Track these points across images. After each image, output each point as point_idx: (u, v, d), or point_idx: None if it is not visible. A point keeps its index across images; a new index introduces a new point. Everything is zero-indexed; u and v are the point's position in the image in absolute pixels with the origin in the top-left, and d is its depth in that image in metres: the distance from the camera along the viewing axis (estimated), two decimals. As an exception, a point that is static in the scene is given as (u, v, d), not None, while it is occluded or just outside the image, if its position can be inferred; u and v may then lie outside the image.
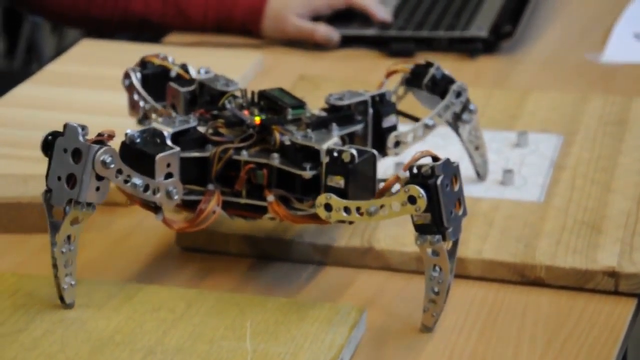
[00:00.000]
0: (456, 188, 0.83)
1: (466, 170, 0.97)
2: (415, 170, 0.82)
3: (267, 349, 0.80)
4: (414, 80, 1.01)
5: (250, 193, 0.89)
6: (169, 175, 0.86)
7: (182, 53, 1.30)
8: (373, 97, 0.96)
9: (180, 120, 0.89)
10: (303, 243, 0.94)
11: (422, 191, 0.81)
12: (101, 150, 0.82)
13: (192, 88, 0.96)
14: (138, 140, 0.86)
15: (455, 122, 0.99)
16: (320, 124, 0.91)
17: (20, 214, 0.98)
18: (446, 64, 1.03)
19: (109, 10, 1.43)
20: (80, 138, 0.82)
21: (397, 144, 0.96)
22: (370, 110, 0.95)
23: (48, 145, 0.84)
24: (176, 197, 0.86)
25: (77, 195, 0.82)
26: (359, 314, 0.84)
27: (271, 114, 0.91)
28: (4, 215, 0.98)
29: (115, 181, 0.83)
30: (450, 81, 0.99)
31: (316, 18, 1.43)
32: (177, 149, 0.86)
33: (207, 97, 0.95)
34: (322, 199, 0.85)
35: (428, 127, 0.98)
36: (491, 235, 0.95)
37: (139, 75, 0.98)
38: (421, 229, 0.82)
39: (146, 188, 0.85)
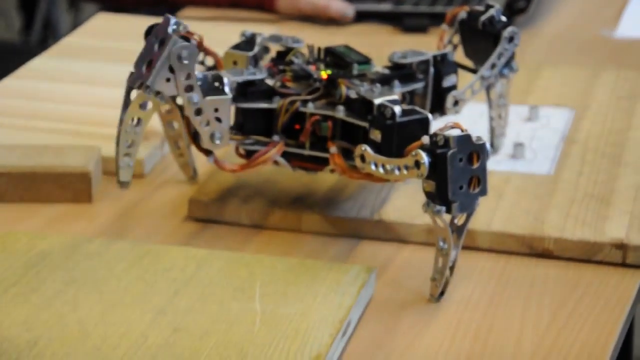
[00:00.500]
0: (476, 165, 0.82)
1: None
2: (434, 138, 0.83)
3: (276, 309, 0.81)
4: (470, 21, 1.01)
5: (314, 145, 0.92)
6: (216, 120, 0.89)
7: (197, 27, 1.30)
8: (435, 57, 0.98)
9: (249, 72, 0.92)
10: (314, 214, 0.95)
11: (425, 157, 0.82)
12: (181, 44, 0.86)
13: (256, 51, 0.98)
14: (200, 83, 0.89)
15: (495, 75, 1.00)
16: (384, 81, 0.94)
17: (35, 184, 0.99)
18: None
19: (125, -16, 1.44)
20: (170, 29, 0.87)
21: (455, 103, 0.98)
22: (432, 70, 0.97)
23: (148, 31, 0.89)
24: (218, 142, 0.89)
25: (148, 79, 0.86)
26: (368, 274, 0.85)
27: (336, 69, 0.94)
28: (19, 184, 0.99)
29: (179, 81, 0.87)
30: (506, 26, 1.00)
31: (331, -7, 1.43)
32: (229, 95, 0.89)
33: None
34: (358, 149, 0.87)
35: (484, 79, 0.99)
36: (501, 207, 0.96)
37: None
38: (428, 196, 0.83)
39: (198, 112, 0.88)
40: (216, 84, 0.90)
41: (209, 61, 1.00)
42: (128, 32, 1.32)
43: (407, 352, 0.80)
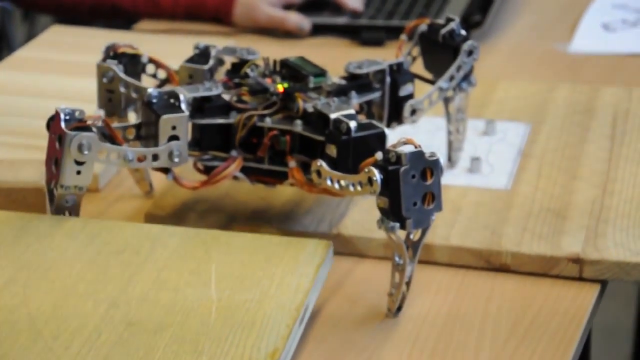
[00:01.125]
0: (429, 182, 0.82)
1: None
2: (387, 155, 0.82)
3: (232, 296, 0.79)
4: (430, 33, 1.01)
5: (273, 159, 0.92)
6: (174, 138, 0.88)
7: (152, 40, 1.30)
8: (391, 66, 0.98)
9: (204, 88, 0.92)
10: (272, 229, 0.95)
11: (377, 174, 0.81)
12: (77, 138, 0.84)
13: (211, 64, 0.97)
14: (155, 100, 0.88)
15: (454, 89, 1.00)
16: (340, 92, 0.94)
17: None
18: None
19: (80, -4, 1.43)
20: (62, 124, 0.85)
21: (413, 112, 0.98)
22: (388, 79, 0.97)
23: (47, 123, 0.87)
24: (177, 159, 0.88)
25: (59, 178, 0.85)
26: (326, 249, 0.84)
27: (292, 81, 0.93)
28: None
29: (100, 162, 0.86)
30: (466, 39, 1.00)
31: (288, 6, 1.43)
32: (185, 113, 0.88)
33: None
34: (314, 165, 0.87)
35: (442, 91, 0.99)
36: (458, 221, 0.96)
37: (121, 67, 0.97)
38: (382, 212, 0.83)
39: (140, 159, 0.87)
40: (172, 100, 0.89)
41: (161, 74, 0.99)
42: (82, 45, 1.31)
43: (365, 368, 0.80)
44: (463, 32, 1.01)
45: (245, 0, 1.41)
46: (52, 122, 0.86)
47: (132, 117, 0.97)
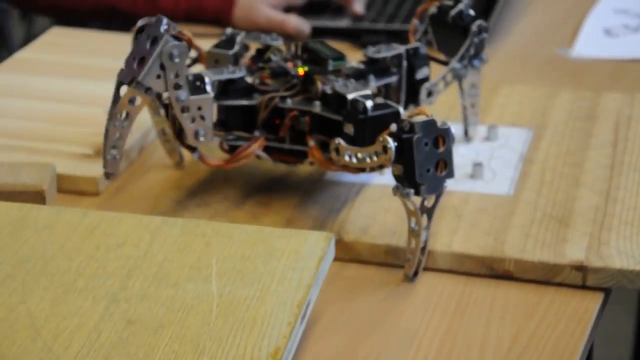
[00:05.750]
0: (441, 149, 0.86)
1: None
2: (400, 125, 0.86)
3: (234, 291, 0.78)
4: (440, 15, 1.05)
5: (294, 139, 0.96)
6: (200, 117, 0.91)
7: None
8: (407, 51, 1.02)
9: (229, 71, 0.96)
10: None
11: (391, 142, 0.85)
12: (172, 43, 0.89)
13: (236, 49, 1.01)
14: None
15: (466, 66, 1.03)
16: (359, 76, 0.97)
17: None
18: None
19: (80, -2, 1.42)
20: (162, 28, 0.89)
21: (429, 94, 1.02)
22: (405, 63, 1.01)
23: (139, 30, 0.91)
24: (202, 139, 0.92)
25: (139, 75, 0.88)
26: (327, 242, 0.84)
27: (312, 65, 0.97)
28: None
29: (169, 79, 0.89)
30: (475, 19, 1.03)
31: (288, 9, 1.42)
32: (210, 94, 0.92)
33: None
34: (333, 143, 0.91)
35: (456, 71, 1.03)
36: (460, 228, 0.95)
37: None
38: (397, 180, 0.87)
39: (184, 109, 0.91)
40: (198, 83, 0.92)
41: (192, 53, 1.02)
42: (82, 47, 1.30)
43: (367, 376, 0.80)
44: (472, 12, 1.04)
45: (245, 2, 1.40)
46: (149, 25, 0.90)
47: None
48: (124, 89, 0.90)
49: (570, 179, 1.03)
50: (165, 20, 0.90)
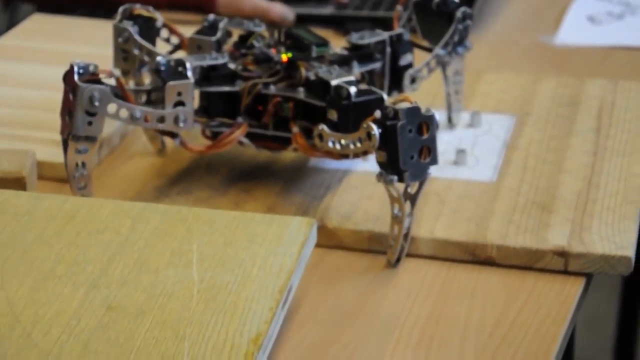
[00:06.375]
0: (425, 136, 0.86)
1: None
2: (384, 111, 0.86)
3: (214, 277, 0.78)
4: (424, 2, 1.05)
5: (277, 125, 0.95)
6: (180, 103, 0.90)
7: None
8: (391, 37, 1.01)
9: (211, 57, 0.95)
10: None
11: (376, 129, 0.85)
12: (89, 90, 0.87)
13: (219, 36, 1.00)
14: (163, 68, 0.92)
15: (450, 53, 1.03)
16: (342, 62, 0.97)
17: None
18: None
19: (62, -15, 1.41)
20: (75, 76, 0.88)
21: (413, 80, 1.02)
22: (388, 49, 1.01)
23: (64, 76, 0.90)
24: (182, 124, 0.91)
25: (73, 128, 0.88)
26: (309, 227, 0.83)
27: (296, 51, 0.97)
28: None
29: (109, 116, 0.88)
30: (459, 6, 1.03)
31: (272, -4, 1.42)
32: (191, 80, 0.91)
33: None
34: (316, 129, 0.90)
35: (440, 58, 1.03)
36: (443, 214, 0.95)
37: (136, 28, 1.01)
38: (381, 166, 0.87)
39: (147, 120, 0.90)
40: (179, 68, 0.92)
41: (174, 40, 1.03)
42: (63, 33, 1.29)
43: (349, 362, 0.79)
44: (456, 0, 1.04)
45: (229, -11, 1.40)
46: (67, 75, 0.89)
47: (147, 77, 1.00)
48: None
49: (553, 165, 1.03)
50: (80, 65, 0.88)
